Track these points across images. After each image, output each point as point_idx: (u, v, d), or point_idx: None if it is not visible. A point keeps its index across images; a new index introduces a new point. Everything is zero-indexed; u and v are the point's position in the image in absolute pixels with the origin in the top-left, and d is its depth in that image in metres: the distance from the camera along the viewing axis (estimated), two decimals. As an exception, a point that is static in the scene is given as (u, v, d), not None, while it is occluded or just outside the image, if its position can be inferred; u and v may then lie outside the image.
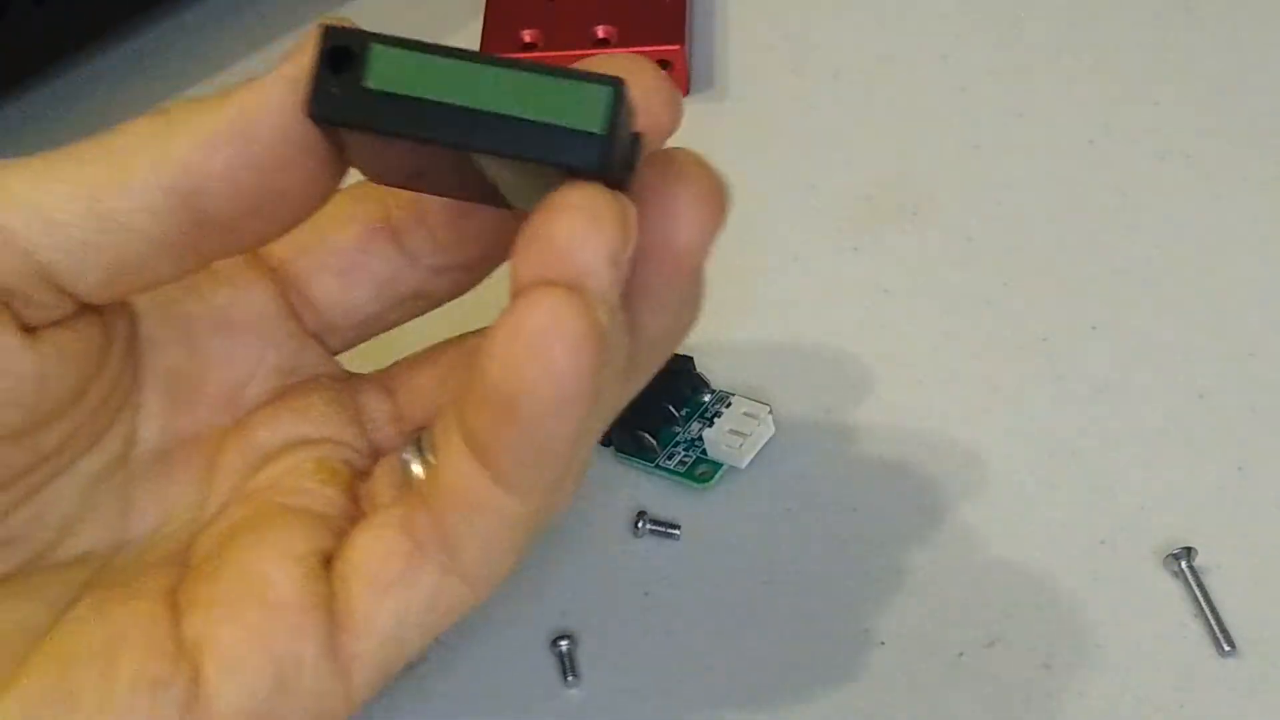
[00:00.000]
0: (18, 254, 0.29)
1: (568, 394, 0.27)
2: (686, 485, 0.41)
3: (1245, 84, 0.49)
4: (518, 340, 0.27)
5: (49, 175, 0.30)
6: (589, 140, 0.27)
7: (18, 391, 0.30)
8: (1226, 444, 0.40)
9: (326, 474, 0.33)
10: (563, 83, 0.28)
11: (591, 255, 0.28)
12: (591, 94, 0.27)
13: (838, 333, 0.44)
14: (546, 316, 0.27)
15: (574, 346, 0.27)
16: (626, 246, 0.28)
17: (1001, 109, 0.49)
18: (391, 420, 0.35)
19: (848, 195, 0.47)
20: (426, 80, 0.28)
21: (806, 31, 0.52)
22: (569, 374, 0.27)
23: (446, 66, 0.28)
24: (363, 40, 0.28)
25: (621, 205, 0.28)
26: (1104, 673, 0.36)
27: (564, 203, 0.28)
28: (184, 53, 0.54)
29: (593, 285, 0.28)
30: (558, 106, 0.28)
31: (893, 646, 0.37)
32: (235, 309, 0.35)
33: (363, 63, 0.28)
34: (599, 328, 0.27)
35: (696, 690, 0.37)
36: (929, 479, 0.40)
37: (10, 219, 0.29)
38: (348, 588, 0.31)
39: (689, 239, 0.30)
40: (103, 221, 0.29)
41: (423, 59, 0.28)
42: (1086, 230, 0.46)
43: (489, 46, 0.50)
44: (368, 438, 0.35)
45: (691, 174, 0.30)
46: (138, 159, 0.29)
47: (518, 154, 0.28)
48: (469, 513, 0.30)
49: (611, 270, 0.28)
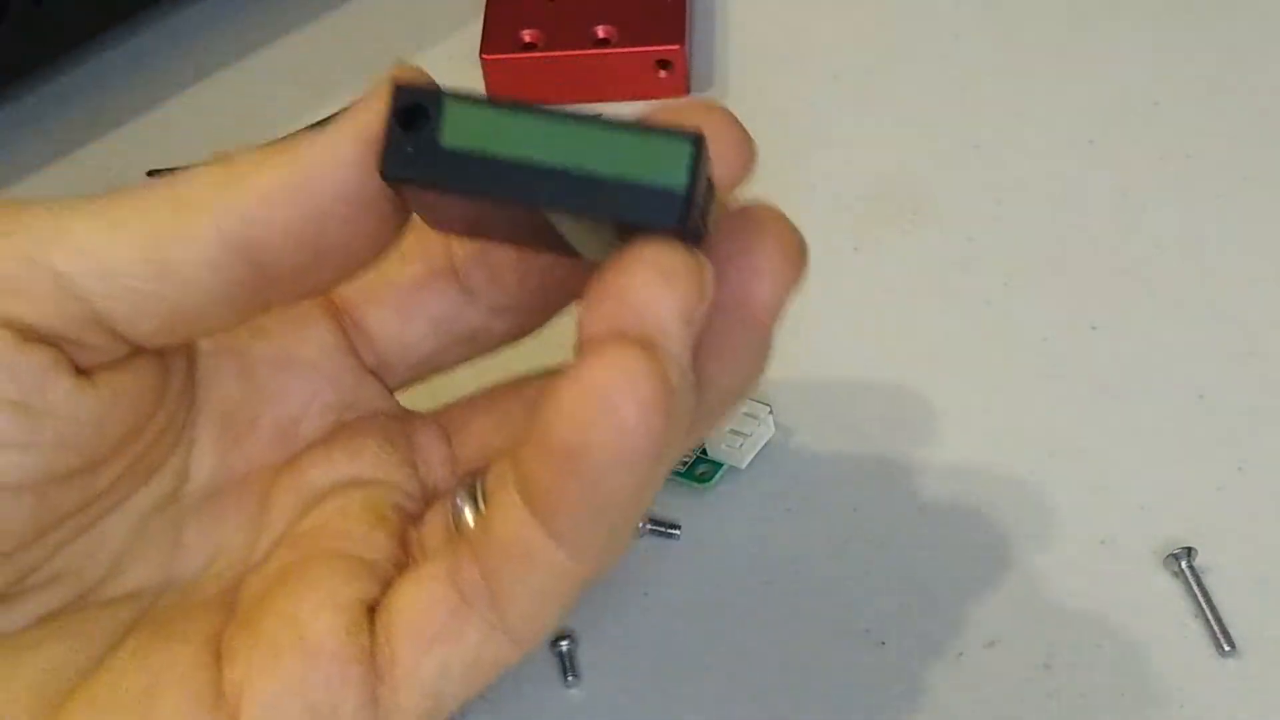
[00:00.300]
0: (74, 300, 0.29)
1: (635, 454, 0.27)
2: (686, 485, 0.41)
3: (1245, 84, 0.49)
4: (587, 395, 0.27)
5: (111, 222, 0.29)
6: (670, 198, 0.27)
7: (74, 435, 0.30)
8: (1226, 444, 0.40)
9: (375, 518, 0.33)
10: (641, 138, 0.27)
11: (666, 314, 0.27)
12: (672, 149, 0.27)
13: (838, 333, 0.44)
14: (618, 373, 0.26)
15: (645, 406, 0.26)
16: (701, 306, 0.28)
17: (1001, 109, 0.49)
18: (446, 463, 0.35)
19: (848, 195, 0.47)
20: (502, 137, 0.27)
21: (806, 31, 0.52)
22: (638, 433, 0.27)
23: (521, 122, 0.27)
24: (436, 97, 0.27)
25: (698, 264, 0.28)
26: (1104, 673, 0.36)
27: (639, 258, 0.27)
28: (184, 53, 0.54)
29: (666, 344, 0.27)
30: (637, 163, 0.27)
31: (893, 647, 0.37)
32: (294, 345, 0.34)
33: (437, 120, 0.27)
34: (670, 387, 0.27)
35: (696, 690, 0.37)
36: (929, 479, 0.40)
37: (69, 265, 0.29)
38: (390, 639, 0.30)
39: (767, 296, 0.29)
40: (162, 271, 0.29)
41: (497, 115, 0.27)
42: (1086, 230, 0.46)
43: (489, 46, 0.50)
44: (420, 480, 0.34)
45: (772, 229, 0.30)
46: (199, 211, 0.29)
47: (597, 213, 0.27)
48: (520, 567, 0.29)
49: (685, 330, 0.27)
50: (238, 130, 0.51)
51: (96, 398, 0.30)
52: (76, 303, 0.29)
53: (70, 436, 0.30)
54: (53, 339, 0.30)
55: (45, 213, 0.30)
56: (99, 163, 0.51)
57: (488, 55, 0.50)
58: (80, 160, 0.51)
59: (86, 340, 0.30)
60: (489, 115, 0.27)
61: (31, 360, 0.29)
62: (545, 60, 0.50)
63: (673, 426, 0.27)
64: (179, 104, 0.53)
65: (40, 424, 0.30)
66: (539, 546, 0.29)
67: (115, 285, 0.29)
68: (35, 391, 0.29)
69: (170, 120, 0.52)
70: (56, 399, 0.30)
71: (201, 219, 0.29)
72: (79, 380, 0.30)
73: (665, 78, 0.50)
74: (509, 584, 0.29)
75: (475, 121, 0.27)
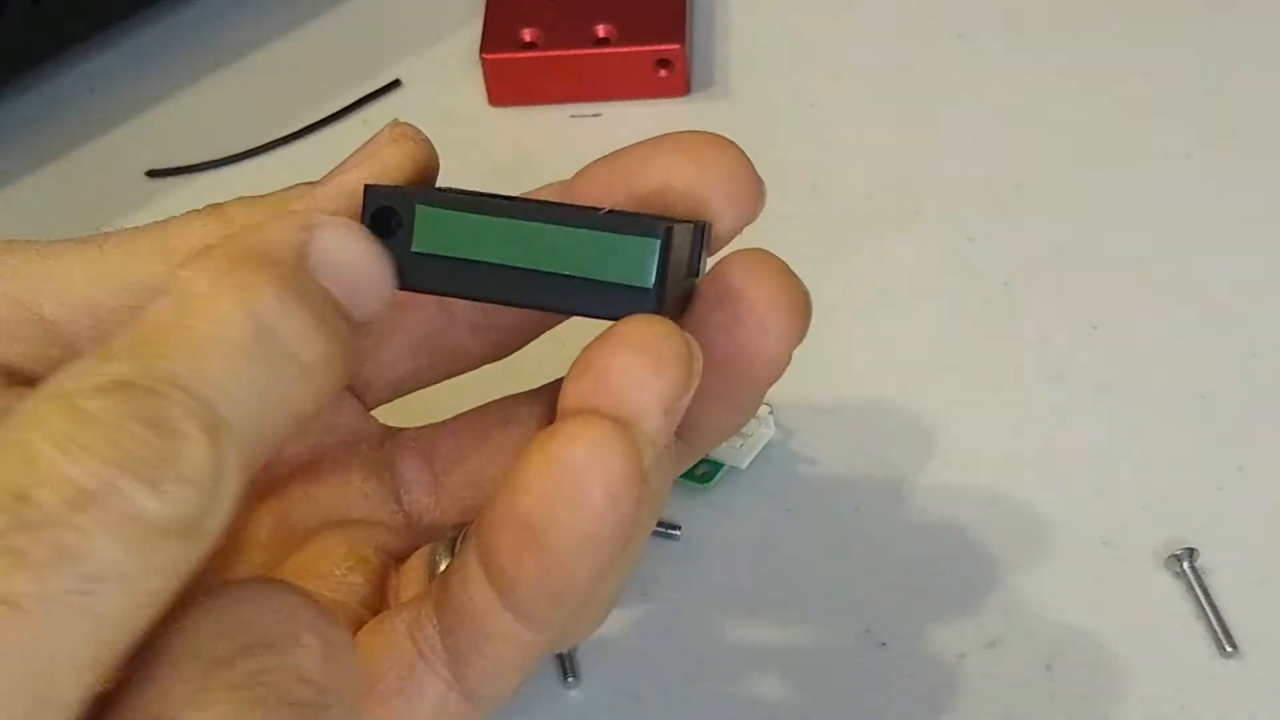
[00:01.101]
0: (63, 347, 0.29)
1: (600, 536, 0.26)
2: (687, 485, 0.40)
3: (1245, 84, 0.49)
4: (552, 471, 0.26)
5: (100, 268, 0.29)
6: (640, 295, 0.27)
7: None
8: (1227, 444, 0.40)
9: (355, 560, 0.32)
10: (608, 238, 0.27)
11: (647, 400, 0.26)
12: (637, 248, 0.27)
13: (838, 333, 0.44)
14: (586, 451, 0.26)
15: (612, 489, 0.26)
16: (686, 393, 0.27)
17: (1002, 109, 0.49)
18: (430, 491, 0.34)
19: (848, 195, 0.47)
20: (473, 241, 0.28)
21: (806, 31, 0.52)
22: (605, 516, 0.26)
23: (492, 226, 0.28)
24: (407, 201, 0.28)
25: (687, 348, 0.27)
26: (1105, 674, 0.36)
27: (625, 338, 0.26)
28: (183, 53, 0.54)
29: (646, 428, 0.26)
30: (605, 263, 0.27)
31: (894, 647, 0.37)
32: None
33: (409, 225, 0.28)
34: (641, 470, 0.26)
35: (696, 690, 0.37)
36: (929, 479, 0.40)
37: (57, 311, 0.29)
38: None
39: (771, 354, 0.29)
40: None
41: (468, 219, 0.28)
42: (1086, 230, 0.46)
43: (489, 46, 0.50)
44: (406, 510, 0.34)
45: (776, 284, 0.29)
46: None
47: (568, 311, 0.28)
48: (476, 633, 0.29)
49: (666, 420, 0.26)
50: (237, 130, 0.51)
51: None
52: (62, 348, 0.29)
53: None
54: (35, 381, 0.30)
55: (34, 255, 0.30)
56: (99, 163, 0.51)
57: (488, 55, 0.50)
58: (80, 160, 0.51)
59: None
60: (460, 220, 0.28)
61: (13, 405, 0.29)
62: (545, 59, 0.50)
63: (645, 508, 0.26)
64: (179, 104, 0.52)
65: None
66: (495, 617, 0.28)
67: (103, 332, 0.29)
68: None
69: (170, 120, 0.52)
70: None
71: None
72: None
73: (665, 77, 0.50)
74: (466, 649, 0.29)
75: (447, 226, 0.28)
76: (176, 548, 0.24)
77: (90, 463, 0.23)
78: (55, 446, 0.23)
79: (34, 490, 0.23)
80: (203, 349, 0.24)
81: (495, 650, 0.29)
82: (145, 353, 0.24)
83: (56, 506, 0.23)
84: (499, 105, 0.51)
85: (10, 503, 0.23)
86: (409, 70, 0.52)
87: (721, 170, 0.28)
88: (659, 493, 0.28)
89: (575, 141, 0.50)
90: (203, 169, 0.50)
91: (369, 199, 0.28)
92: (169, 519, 0.23)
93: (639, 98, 0.50)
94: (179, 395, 0.24)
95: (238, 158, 0.50)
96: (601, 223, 0.27)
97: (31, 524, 0.23)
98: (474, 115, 0.51)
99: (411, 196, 0.28)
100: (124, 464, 0.23)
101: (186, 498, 0.23)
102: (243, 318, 0.25)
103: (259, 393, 0.25)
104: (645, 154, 0.30)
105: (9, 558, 0.23)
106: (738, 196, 0.29)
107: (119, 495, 0.23)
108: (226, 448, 0.24)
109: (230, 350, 0.25)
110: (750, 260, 0.29)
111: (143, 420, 0.23)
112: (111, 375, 0.24)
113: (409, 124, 0.29)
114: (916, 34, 0.52)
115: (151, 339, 0.25)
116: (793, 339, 0.29)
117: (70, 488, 0.23)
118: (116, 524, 0.23)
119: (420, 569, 0.33)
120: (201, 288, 0.25)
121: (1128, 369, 0.42)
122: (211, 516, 0.24)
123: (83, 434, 0.23)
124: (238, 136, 0.51)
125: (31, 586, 0.22)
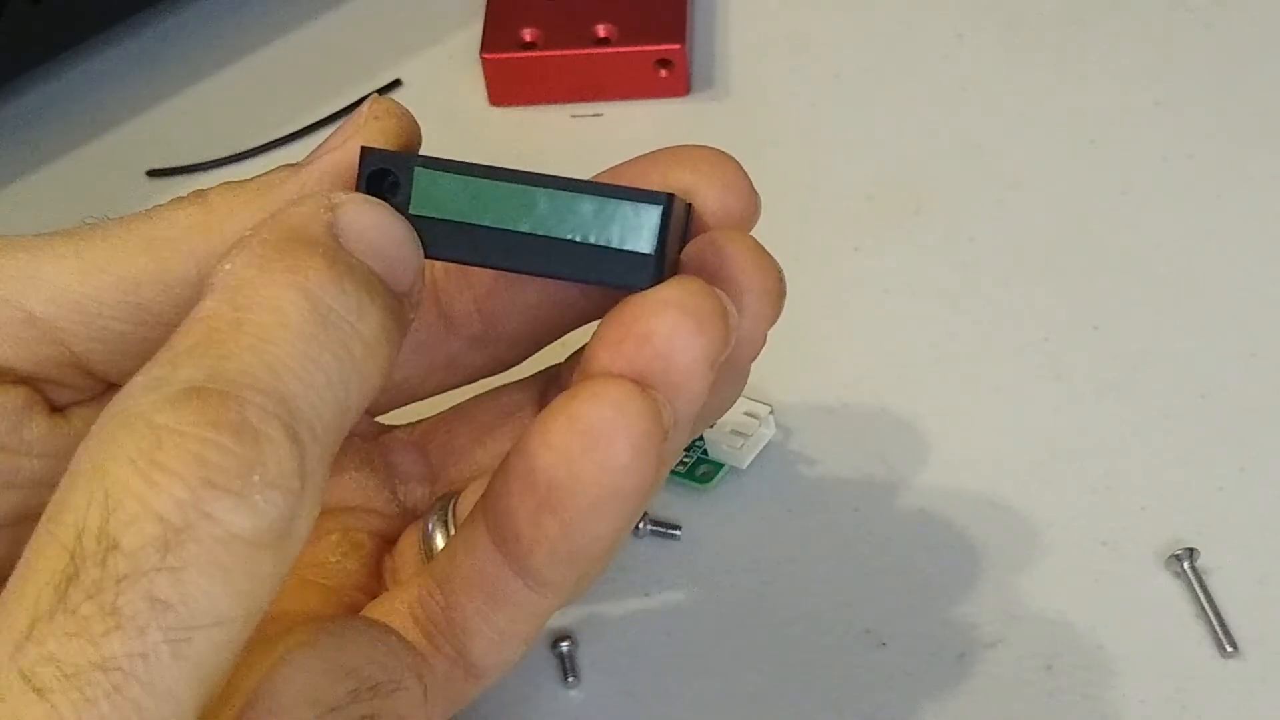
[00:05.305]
0: (53, 344, 0.29)
1: (621, 493, 0.26)
2: (687, 486, 0.40)
3: (1245, 84, 0.49)
4: (577, 429, 0.26)
5: (87, 263, 0.29)
6: (639, 261, 0.27)
7: (51, 472, 0.30)
8: (1228, 444, 0.40)
9: (349, 546, 0.33)
10: (609, 204, 0.27)
11: (692, 359, 0.26)
12: (639, 215, 0.27)
13: (839, 333, 0.44)
14: (612, 410, 0.26)
15: (638, 445, 0.26)
16: (727, 348, 0.27)
17: (1002, 109, 0.49)
18: (425, 482, 0.35)
19: (848, 195, 0.47)
20: (471, 204, 0.27)
21: (806, 31, 0.52)
22: (627, 473, 0.26)
23: (491, 189, 0.27)
24: (405, 163, 0.28)
25: (723, 305, 0.27)
26: (1106, 674, 0.36)
27: (666, 301, 0.27)
28: (183, 52, 0.54)
29: (690, 388, 0.26)
30: (605, 228, 0.27)
31: (894, 647, 0.37)
32: None
33: (406, 187, 0.28)
34: (663, 429, 0.26)
35: (696, 690, 0.37)
36: (930, 479, 0.40)
37: (45, 308, 0.29)
38: None
39: (750, 332, 0.29)
40: (140, 314, 0.29)
41: (466, 183, 0.28)
42: (1086, 230, 0.46)
43: (489, 45, 0.50)
44: (400, 501, 0.34)
45: (752, 264, 0.29)
46: (176, 252, 0.29)
47: (566, 277, 0.28)
48: (484, 604, 0.29)
49: (709, 376, 0.27)
50: (237, 130, 0.51)
51: (73, 434, 0.30)
52: (55, 346, 0.29)
53: (47, 474, 0.30)
54: (27, 379, 0.30)
55: (20, 252, 0.29)
56: (99, 163, 0.51)
57: (488, 54, 0.50)
58: (80, 160, 0.51)
59: (63, 380, 0.30)
60: (458, 182, 0.28)
61: (5, 402, 0.29)
62: (545, 59, 0.50)
63: (661, 471, 0.27)
64: (179, 104, 0.52)
65: (16, 463, 0.29)
66: (505, 585, 0.28)
67: (94, 328, 0.29)
68: (10, 432, 0.29)
69: (170, 120, 0.52)
70: (32, 438, 0.30)
71: (180, 261, 0.29)
72: (54, 418, 0.30)
73: (665, 77, 0.50)
74: (473, 620, 0.29)
75: (444, 188, 0.28)
76: (269, 560, 0.23)
77: (175, 489, 0.22)
78: (137, 473, 0.23)
79: (122, 536, 0.22)
80: (267, 340, 0.24)
81: (504, 619, 0.29)
82: (210, 354, 0.24)
83: (146, 552, 0.22)
84: (499, 105, 0.51)
85: (98, 550, 0.22)
86: (409, 70, 0.52)
87: (718, 182, 0.29)
88: (671, 458, 0.28)
89: (575, 141, 0.50)
90: (203, 169, 0.50)
91: (365, 161, 0.28)
92: (261, 531, 0.23)
93: (639, 98, 0.50)
94: (253, 395, 0.23)
95: (238, 158, 0.50)
96: (602, 189, 0.27)
97: (123, 576, 0.22)
98: (474, 115, 0.51)
99: (409, 158, 0.28)
100: (210, 479, 0.23)
101: (275, 503, 0.23)
102: (299, 300, 0.24)
103: (328, 377, 0.24)
104: (644, 167, 0.30)
105: (106, 621, 0.22)
106: (733, 208, 0.30)
107: (208, 521, 0.22)
108: (308, 444, 0.24)
109: (294, 337, 0.24)
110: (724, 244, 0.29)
111: (221, 427, 0.23)
112: (181, 384, 0.23)
113: (389, 98, 0.29)
114: (916, 34, 0.52)
115: (213, 339, 0.24)
116: (770, 318, 0.29)
117: (158, 526, 0.22)
118: (209, 555, 0.22)
119: (413, 548, 0.33)
120: (249, 277, 0.25)
121: (1128, 369, 0.42)
122: (300, 520, 0.24)
123: (162, 455, 0.23)
124: (238, 136, 0.51)
125: (130, 645, 0.22)
